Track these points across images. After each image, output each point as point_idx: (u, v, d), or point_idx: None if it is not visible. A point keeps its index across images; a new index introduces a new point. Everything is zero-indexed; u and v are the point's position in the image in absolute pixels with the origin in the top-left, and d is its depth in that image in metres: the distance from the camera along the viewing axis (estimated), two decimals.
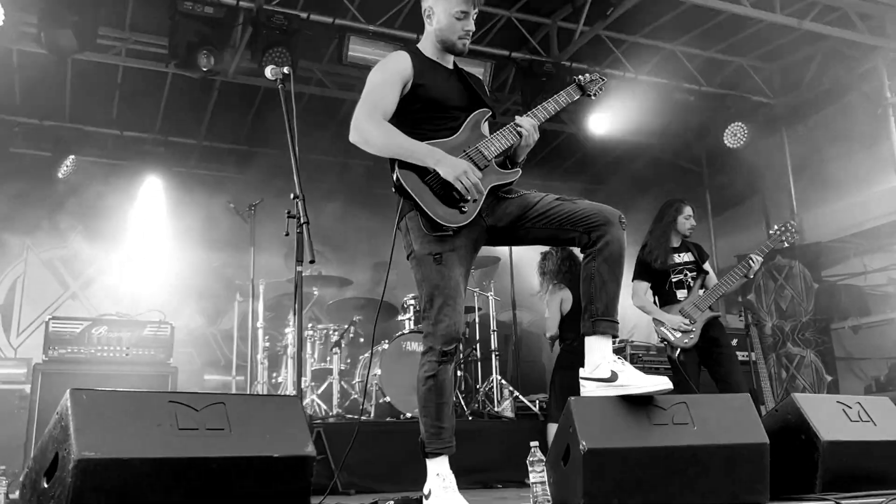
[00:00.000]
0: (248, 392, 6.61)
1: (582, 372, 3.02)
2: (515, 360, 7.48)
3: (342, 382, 6.42)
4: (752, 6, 6.94)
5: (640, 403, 2.86)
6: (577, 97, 3.38)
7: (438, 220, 2.93)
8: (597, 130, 8.32)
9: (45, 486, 2.09)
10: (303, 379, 6.62)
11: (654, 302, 5.83)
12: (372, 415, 6.08)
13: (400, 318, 6.98)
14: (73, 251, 8.87)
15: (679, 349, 5.58)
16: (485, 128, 3.27)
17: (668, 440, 2.80)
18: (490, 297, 7.08)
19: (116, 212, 8.86)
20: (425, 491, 2.96)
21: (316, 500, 3.74)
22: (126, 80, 7.94)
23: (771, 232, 5.93)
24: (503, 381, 6.68)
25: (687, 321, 5.56)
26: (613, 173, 10.67)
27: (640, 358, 7.32)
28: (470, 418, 6.36)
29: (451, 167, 2.91)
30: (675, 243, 5.80)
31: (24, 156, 8.61)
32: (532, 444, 3.17)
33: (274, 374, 7.03)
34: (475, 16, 3.17)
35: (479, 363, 7.19)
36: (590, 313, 2.99)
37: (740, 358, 7.25)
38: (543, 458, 3.10)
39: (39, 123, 8.41)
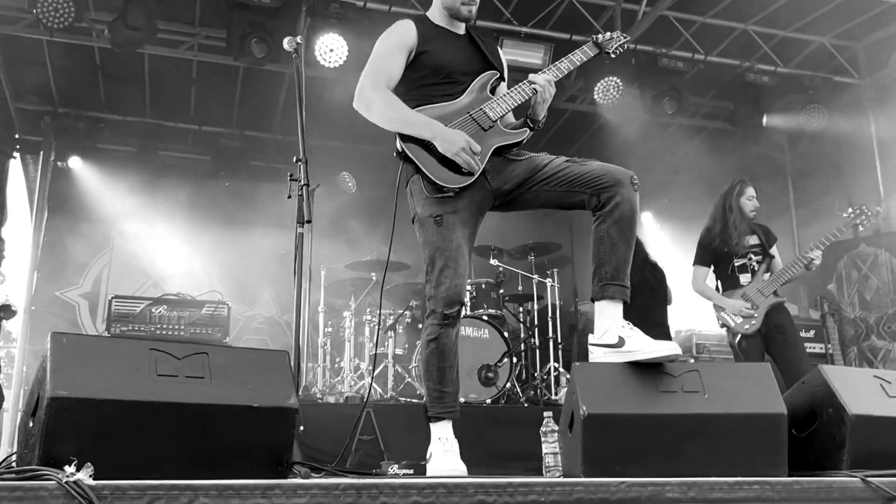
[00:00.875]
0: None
1: (590, 338, 2.93)
2: (577, 348, 7.34)
3: (397, 366, 6.44)
4: None
5: (648, 370, 2.74)
6: (593, 55, 3.31)
7: (439, 182, 2.90)
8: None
9: (31, 425, 2.17)
10: (360, 363, 6.74)
11: (717, 287, 5.62)
12: (424, 397, 6.08)
13: None
14: (155, 242, 9.25)
15: (740, 335, 5.37)
16: (500, 88, 3.23)
17: (675, 408, 2.65)
18: (548, 284, 6.97)
19: (196, 204, 9.19)
20: (427, 455, 2.94)
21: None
22: (200, 75, 8.21)
23: (844, 215, 5.64)
24: (560, 369, 6.56)
25: (749, 306, 5.34)
26: (693, 161, 10.31)
27: (706, 347, 7.07)
28: (525, 405, 6.28)
29: (449, 142, 2.89)
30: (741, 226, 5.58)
31: (109, 151, 9.04)
32: (546, 413, 3.11)
33: (337, 359, 7.14)
34: None
35: (536, 350, 7.08)
36: (599, 277, 2.90)
37: (816, 350, 6.91)
38: (556, 428, 3.03)
39: (122, 119, 8.80)
